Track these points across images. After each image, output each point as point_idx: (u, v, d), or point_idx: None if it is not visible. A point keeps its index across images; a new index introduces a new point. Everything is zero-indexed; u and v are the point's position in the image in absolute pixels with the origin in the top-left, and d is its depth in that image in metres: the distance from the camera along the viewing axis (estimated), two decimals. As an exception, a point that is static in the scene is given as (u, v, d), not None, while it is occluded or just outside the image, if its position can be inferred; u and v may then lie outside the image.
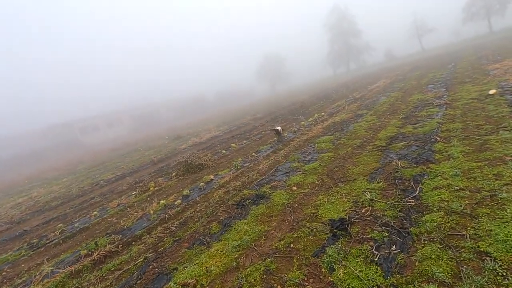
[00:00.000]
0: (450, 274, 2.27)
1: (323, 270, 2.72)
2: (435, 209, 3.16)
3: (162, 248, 4.06)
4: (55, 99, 75.33)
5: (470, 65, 14.96)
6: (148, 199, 6.94)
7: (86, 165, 20.66)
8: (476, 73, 11.84)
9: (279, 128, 10.41)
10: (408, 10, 60.28)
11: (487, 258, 2.32)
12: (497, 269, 2.19)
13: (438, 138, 5.30)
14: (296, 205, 4.32)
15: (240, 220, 4.29)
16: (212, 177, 7.29)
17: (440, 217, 2.98)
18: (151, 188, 7.75)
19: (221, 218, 4.56)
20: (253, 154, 8.44)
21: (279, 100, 31.77)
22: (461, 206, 3.08)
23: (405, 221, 3.08)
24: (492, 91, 7.56)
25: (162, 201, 6.05)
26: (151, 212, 5.72)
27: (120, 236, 4.99)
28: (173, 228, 4.66)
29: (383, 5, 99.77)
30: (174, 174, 8.51)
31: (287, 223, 3.85)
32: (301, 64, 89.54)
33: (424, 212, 3.16)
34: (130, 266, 3.79)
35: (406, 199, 3.51)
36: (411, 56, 48.14)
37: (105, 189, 9.67)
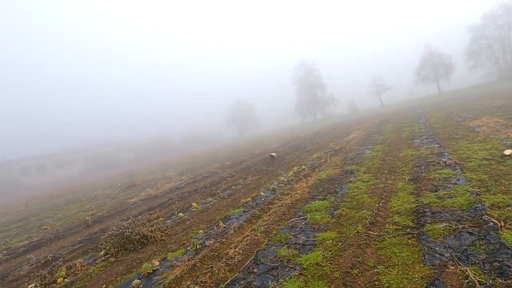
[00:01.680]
0: None
1: None
2: None
3: None
4: (-4, 134, 67.05)
5: (445, 121, 14.77)
6: (44, 306, 4.22)
7: (7, 218, 16.41)
8: (459, 129, 11.25)
9: (274, 154, 14.86)
10: (368, 69, 66.14)
11: None
12: None
13: (496, 221, 3.62)
14: None
15: None
16: (157, 263, 4.84)
17: None
18: (59, 280, 5.00)
19: None
20: (220, 222, 6.18)
21: (249, 146, 30.27)
22: None
23: None
24: (508, 152, 6.43)
25: (56, 325, 3.45)
26: None
27: None
28: None
29: (345, 63, 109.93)
30: (102, 252, 5.83)
31: None
32: (270, 111, 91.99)
33: None
34: None
35: None
36: (372, 110, 51.00)
37: (-2, 271, 6.53)
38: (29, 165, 52.59)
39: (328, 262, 3.66)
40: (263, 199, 7.52)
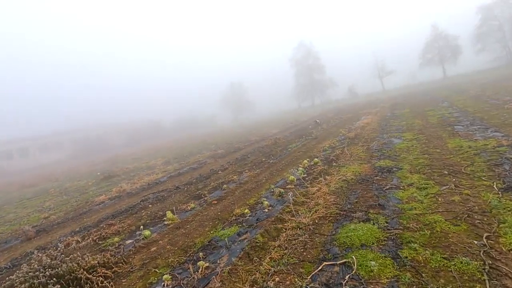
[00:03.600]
0: None
1: None
2: None
3: None
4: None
5: (478, 104, 12.44)
6: None
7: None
8: (509, 113, 8.95)
9: (318, 121, 17.60)
10: (368, 52, 63.05)
11: None
12: None
13: None
14: None
15: None
16: None
17: None
18: None
19: None
20: (201, 258, 3.82)
21: (244, 132, 27.78)
22: None
23: None
24: None
25: None
26: None
27: None
28: None
29: (345, 46, 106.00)
30: (-2, 313, 3.46)
31: None
32: (264, 96, 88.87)
33: None
34: None
35: None
36: (374, 95, 48.52)
37: None
38: (12, 149, 49.57)
39: None
40: (266, 210, 5.16)
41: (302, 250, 3.51)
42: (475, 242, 2.96)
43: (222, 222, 5.10)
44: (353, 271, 2.88)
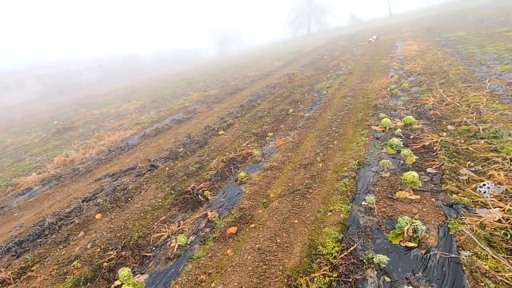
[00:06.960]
0: None
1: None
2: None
3: None
4: None
5: None
6: None
7: None
8: None
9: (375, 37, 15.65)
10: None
11: None
12: None
13: None
14: None
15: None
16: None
17: None
18: None
19: None
20: None
21: (238, 66, 22.89)
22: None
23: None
24: None
25: None
26: None
27: None
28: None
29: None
30: None
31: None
32: (253, 24, 79.02)
33: None
34: None
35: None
36: (381, 21, 42.21)
37: None
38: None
39: None
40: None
41: None
42: None
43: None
44: None
